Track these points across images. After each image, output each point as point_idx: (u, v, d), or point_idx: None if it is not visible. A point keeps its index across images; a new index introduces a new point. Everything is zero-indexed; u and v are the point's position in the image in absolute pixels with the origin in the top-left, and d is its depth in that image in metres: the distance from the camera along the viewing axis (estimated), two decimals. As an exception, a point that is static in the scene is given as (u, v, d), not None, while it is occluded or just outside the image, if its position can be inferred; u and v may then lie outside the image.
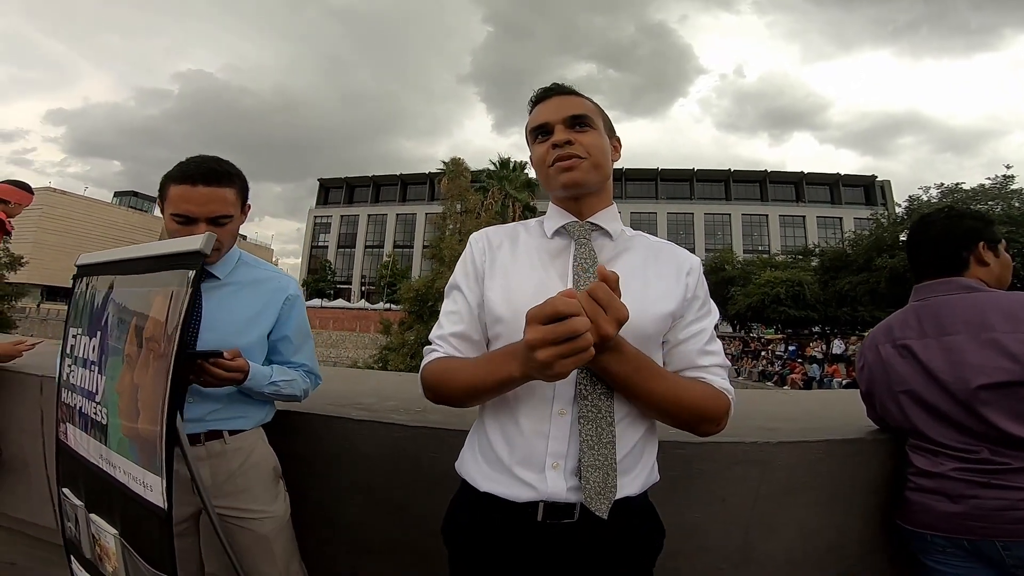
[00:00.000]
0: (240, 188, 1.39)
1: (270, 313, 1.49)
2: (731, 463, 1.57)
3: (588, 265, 1.01)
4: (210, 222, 1.31)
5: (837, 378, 18.36)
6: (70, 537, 1.42)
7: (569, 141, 1.04)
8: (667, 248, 1.11)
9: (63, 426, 1.42)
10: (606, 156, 1.09)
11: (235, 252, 1.50)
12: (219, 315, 1.41)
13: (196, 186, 1.29)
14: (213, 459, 1.41)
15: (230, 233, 1.39)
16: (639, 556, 1.02)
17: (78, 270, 1.45)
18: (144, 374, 1.07)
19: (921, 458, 1.42)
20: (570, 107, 1.07)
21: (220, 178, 1.32)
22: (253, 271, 1.52)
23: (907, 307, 1.53)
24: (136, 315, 1.14)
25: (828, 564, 1.63)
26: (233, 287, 1.46)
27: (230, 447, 1.43)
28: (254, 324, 1.46)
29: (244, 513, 1.43)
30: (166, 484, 1.00)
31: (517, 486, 0.96)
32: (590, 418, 0.94)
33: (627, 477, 0.97)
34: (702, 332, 1.04)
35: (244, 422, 1.47)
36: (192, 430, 1.36)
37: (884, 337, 1.54)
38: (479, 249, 1.12)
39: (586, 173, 1.05)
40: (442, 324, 1.09)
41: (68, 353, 1.41)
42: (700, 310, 1.06)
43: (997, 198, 20.31)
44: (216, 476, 1.41)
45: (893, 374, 1.48)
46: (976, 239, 1.45)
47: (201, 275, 1.03)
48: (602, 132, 1.09)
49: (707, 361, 1.02)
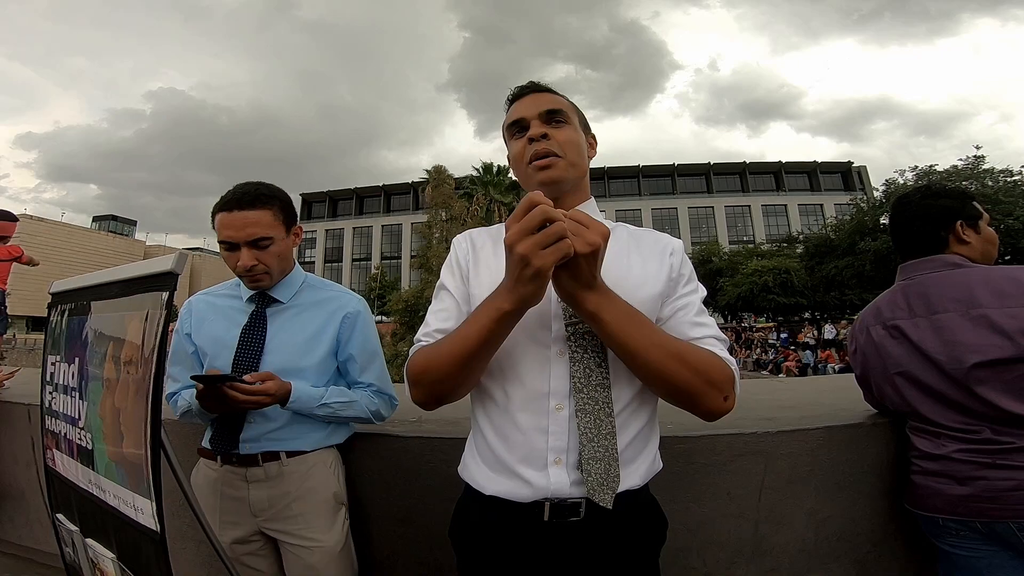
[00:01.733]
0: (281, 209, 1.41)
1: (329, 332, 1.48)
2: (733, 456, 1.56)
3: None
4: (251, 246, 1.35)
5: (831, 363, 18.49)
6: (70, 562, 1.41)
7: (545, 135, 1.04)
8: (648, 234, 1.12)
9: (50, 452, 1.41)
10: (582, 153, 1.09)
11: (299, 275, 1.53)
12: (281, 337, 1.44)
13: (232, 211, 1.34)
14: (271, 481, 1.41)
15: (275, 256, 1.41)
16: (645, 549, 1.02)
17: (52, 297, 1.45)
18: (124, 398, 1.06)
19: (923, 440, 1.40)
20: (545, 102, 1.09)
21: (254, 201, 1.35)
22: (317, 292, 1.54)
23: (894, 287, 1.52)
24: (112, 339, 1.13)
25: (842, 553, 1.61)
26: (295, 309, 1.49)
27: (288, 469, 1.41)
28: (314, 345, 1.46)
29: (295, 539, 1.41)
30: (156, 506, 0.99)
31: (521, 485, 0.96)
32: (588, 411, 0.94)
33: (629, 468, 0.97)
34: (689, 304, 1.02)
35: (303, 443, 1.45)
36: (249, 450, 1.39)
37: (874, 319, 1.52)
38: (463, 250, 1.12)
39: (563, 171, 1.05)
40: (429, 322, 1.07)
41: (48, 380, 1.40)
42: (685, 286, 1.04)
43: (970, 178, 20.66)
44: (272, 499, 1.41)
45: (887, 356, 1.47)
46: (952, 218, 1.44)
47: (173, 296, 1.02)
48: (577, 128, 1.10)
49: (699, 333, 0.98)
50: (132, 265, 1.15)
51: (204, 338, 1.47)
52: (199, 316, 1.51)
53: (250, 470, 1.40)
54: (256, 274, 1.39)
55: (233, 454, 1.40)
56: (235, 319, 1.47)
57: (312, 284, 1.55)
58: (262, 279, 1.42)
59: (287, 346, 1.44)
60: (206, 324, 1.49)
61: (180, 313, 1.50)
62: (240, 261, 1.35)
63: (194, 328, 1.49)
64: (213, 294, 1.56)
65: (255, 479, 1.40)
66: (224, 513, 1.42)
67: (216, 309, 1.51)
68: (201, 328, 1.49)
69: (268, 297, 1.48)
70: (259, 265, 1.38)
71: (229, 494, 1.42)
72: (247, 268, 1.36)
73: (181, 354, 1.51)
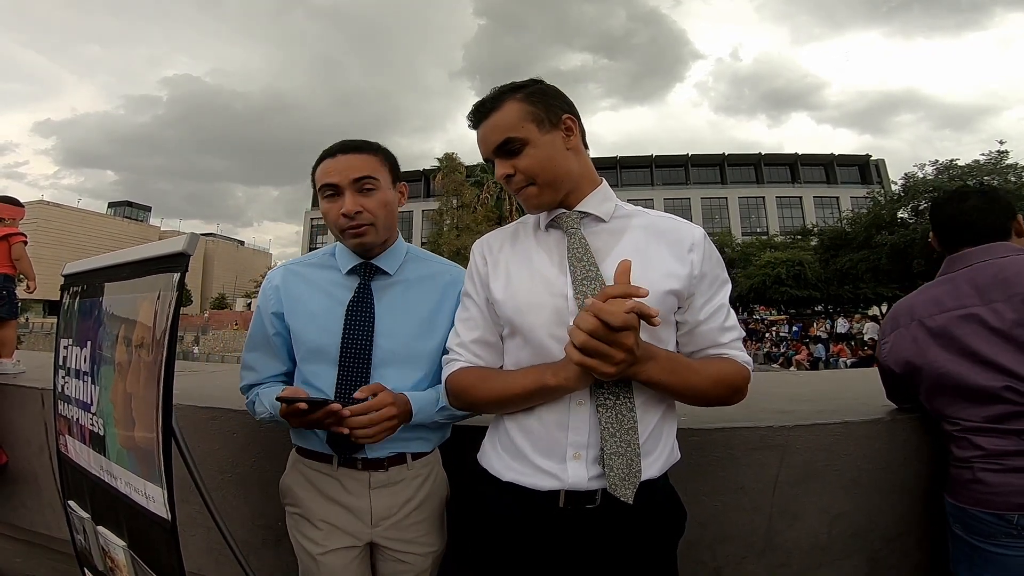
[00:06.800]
0: (385, 159, 1.26)
1: (447, 311, 1.27)
2: (748, 449, 1.53)
3: (581, 254, 1.00)
4: (356, 190, 1.19)
5: (843, 357, 18.30)
6: (81, 549, 1.41)
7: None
8: (668, 224, 1.07)
9: (63, 438, 1.40)
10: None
11: (402, 245, 1.34)
12: (393, 319, 1.24)
13: (336, 156, 1.21)
14: (394, 487, 1.25)
15: (382, 204, 1.22)
16: (662, 538, 1.02)
17: (64, 280, 1.42)
18: (136, 382, 1.04)
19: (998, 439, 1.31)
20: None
21: (359, 146, 1.23)
22: (423, 265, 1.35)
23: (949, 276, 1.45)
24: (124, 322, 1.11)
25: (855, 549, 1.59)
26: (403, 285, 1.29)
27: (411, 472, 1.26)
28: (433, 326, 1.26)
29: (408, 546, 1.26)
30: (168, 494, 0.97)
31: (539, 476, 0.97)
32: (609, 406, 0.94)
33: (648, 459, 0.97)
34: (719, 309, 1.04)
35: (426, 443, 1.28)
36: (375, 453, 1.22)
37: (928, 310, 1.43)
38: (480, 256, 1.14)
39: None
40: (459, 332, 1.13)
41: (61, 365, 1.38)
42: (711, 287, 1.04)
43: (992, 173, 20.26)
44: (395, 506, 1.25)
45: (955, 348, 1.38)
46: (1014, 210, 1.45)
47: (184, 277, 0.99)
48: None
49: (727, 338, 1.04)
50: (145, 246, 1.12)
51: (300, 317, 1.25)
52: (292, 293, 1.27)
53: (374, 475, 1.23)
54: (360, 224, 1.19)
55: (359, 457, 1.22)
56: (336, 295, 1.25)
57: (417, 256, 1.36)
58: (367, 232, 1.21)
59: (401, 328, 1.24)
60: (301, 301, 1.26)
61: (263, 288, 1.31)
62: (344, 207, 1.17)
63: (287, 307, 1.26)
64: (304, 264, 1.34)
65: (379, 484, 1.24)
66: (333, 521, 1.24)
67: (310, 283, 1.28)
68: (296, 305, 1.26)
69: (373, 268, 1.27)
70: (364, 212, 1.19)
71: (345, 502, 1.24)
72: (351, 214, 1.17)
73: (260, 338, 1.29)
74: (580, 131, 1.05)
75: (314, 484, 1.26)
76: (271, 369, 1.30)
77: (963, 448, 1.38)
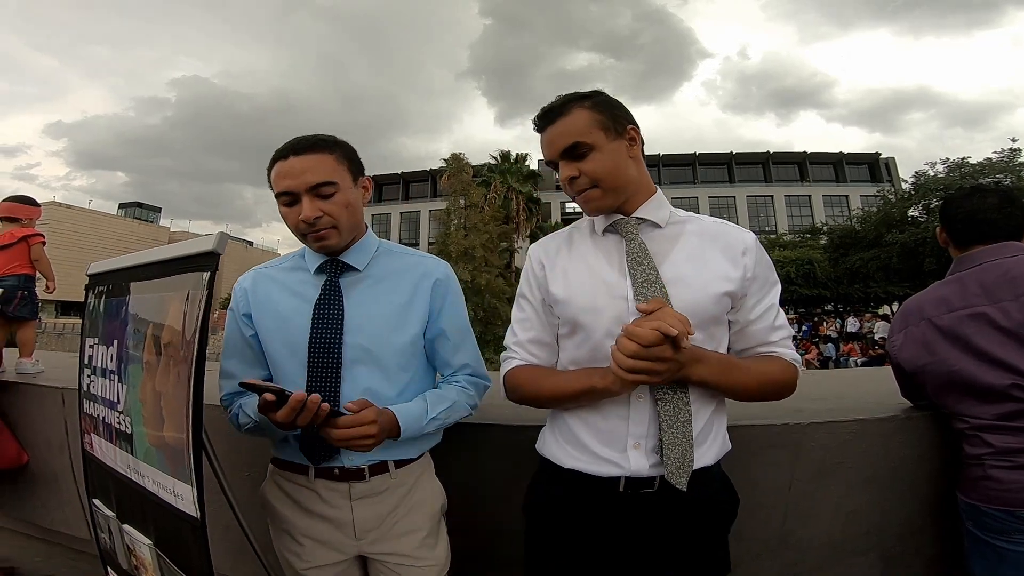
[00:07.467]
0: (343, 156, 1.19)
1: (420, 304, 1.24)
2: (762, 447, 1.54)
3: (641, 258, 1.06)
4: (313, 195, 1.13)
5: (853, 357, 18.16)
6: (105, 548, 1.41)
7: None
8: (721, 229, 1.13)
9: (88, 436, 1.41)
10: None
11: (372, 240, 1.29)
12: (361, 312, 1.20)
13: (289, 159, 1.14)
14: (377, 496, 1.20)
15: (342, 206, 1.16)
16: (714, 522, 1.09)
17: (90, 279, 1.43)
18: (165, 381, 1.04)
19: (1007, 436, 1.32)
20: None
21: (312, 145, 1.15)
22: (395, 259, 1.29)
23: (957, 276, 1.46)
24: (152, 321, 1.11)
25: (868, 547, 1.60)
26: (373, 279, 1.25)
27: (395, 481, 1.22)
28: (404, 321, 1.22)
29: (404, 560, 1.21)
30: (197, 493, 0.98)
31: (600, 463, 1.05)
32: (667, 400, 1.01)
33: (701, 448, 1.04)
34: (769, 309, 1.10)
35: (410, 449, 1.23)
36: (354, 462, 1.18)
37: (937, 309, 1.45)
38: (536, 260, 1.19)
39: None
40: (515, 331, 1.20)
41: (87, 364, 1.39)
42: (762, 288, 1.10)
43: (1005, 171, 20.02)
44: (380, 517, 1.20)
45: (962, 346, 1.39)
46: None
47: (214, 276, 0.99)
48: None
49: (776, 336, 1.10)
50: (172, 245, 1.13)
51: (268, 319, 1.22)
52: (260, 293, 1.25)
53: (354, 485, 1.18)
54: (321, 229, 1.15)
55: (334, 467, 1.18)
56: (305, 294, 1.22)
57: (389, 249, 1.31)
58: (329, 236, 1.16)
59: (371, 321, 1.19)
60: (270, 302, 1.24)
61: (234, 291, 1.28)
62: (302, 213, 1.13)
63: (255, 307, 1.24)
64: (274, 267, 1.31)
65: (360, 495, 1.19)
66: (315, 536, 1.21)
67: (279, 284, 1.26)
68: (265, 307, 1.23)
69: (341, 264, 1.23)
70: (324, 217, 1.14)
71: (325, 514, 1.19)
72: (310, 221, 1.13)
73: (237, 342, 1.26)
74: (640, 142, 1.12)
75: (291, 496, 1.22)
76: (250, 375, 1.24)
77: (974, 445, 1.39)
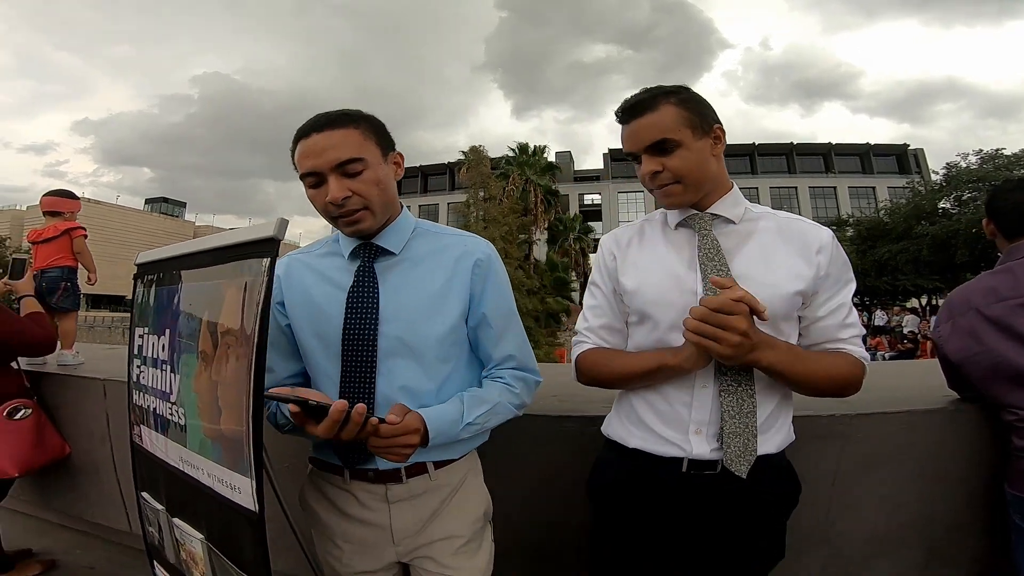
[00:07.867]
0: (370, 129, 1.09)
1: (459, 287, 1.13)
2: (808, 438, 1.48)
3: (713, 254, 1.07)
4: (339, 173, 1.04)
5: (881, 351, 17.73)
6: (152, 542, 1.39)
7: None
8: (796, 225, 1.12)
9: (137, 428, 1.39)
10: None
11: (408, 220, 1.19)
12: (398, 300, 1.11)
13: (311, 136, 1.05)
14: (416, 499, 1.13)
15: (373, 184, 1.06)
16: (774, 509, 1.10)
17: (138, 269, 1.41)
18: (223, 372, 1.01)
19: None
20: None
21: (335, 120, 1.05)
22: (433, 239, 1.19)
23: (1008, 266, 1.46)
24: (208, 310, 1.08)
25: (912, 541, 1.60)
26: (410, 262, 1.15)
27: (436, 483, 1.14)
28: (441, 305, 1.12)
29: (441, 568, 1.14)
30: (256, 485, 0.94)
31: (663, 444, 1.08)
32: (731, 391, 1.03)
33: (764, 436, 1.05)
34: (840, 307, 1.09)
35: (451, 449, 1.15)
36: (388, 464, 1.10)
37: (986, 299, 1.44)
38: (608, 250, 1.23)
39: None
40: (587, 317, 1.23)
41: (136, 354, 1.37)
42: (835, 286, 1.09)
43: (1041, 163, 19.42)
44: (420, 521, 1.14)
45: (1012, 336, 1.37)
46: None
47: (274, 263, 0.95)
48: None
49: (846, 334, 1.09)
50: (227, 232, 1.09)
51: (300, 307, 1.16)
52: (295, 280, 1.18)
53: (391, 488, 1.12)
54: (351, 210, 1.06)
55: (369, 469, 1.12)
56: (339, 281, 1.14)
57: (427, 230, 1.21)
58: (362, 218, 1.07)
59: (407, 309, 1.10)
60: (303, 290, 1.17)
61: None
62: (329, 194, 1.04)
63: (288, 294, 1.17)
64: (308, 252, 1.24)
65: (398, 498, 1.13)
66: (353, 540, 1.16)
67: (313, 271, 1.18)
68: (297, 295, 1.17)
69: (375, 248, 1.14)
70: (353, 197, 1.05)
71: (362, 518, 1.14)
72: (338, 202, 1.04)
73: (273, 332, 1.11)
74: (724, 141, 1.12)
75: (329, 498, 1.18)
76: (288, 368, 1.20)
77: (1023, 437, 1.38)
